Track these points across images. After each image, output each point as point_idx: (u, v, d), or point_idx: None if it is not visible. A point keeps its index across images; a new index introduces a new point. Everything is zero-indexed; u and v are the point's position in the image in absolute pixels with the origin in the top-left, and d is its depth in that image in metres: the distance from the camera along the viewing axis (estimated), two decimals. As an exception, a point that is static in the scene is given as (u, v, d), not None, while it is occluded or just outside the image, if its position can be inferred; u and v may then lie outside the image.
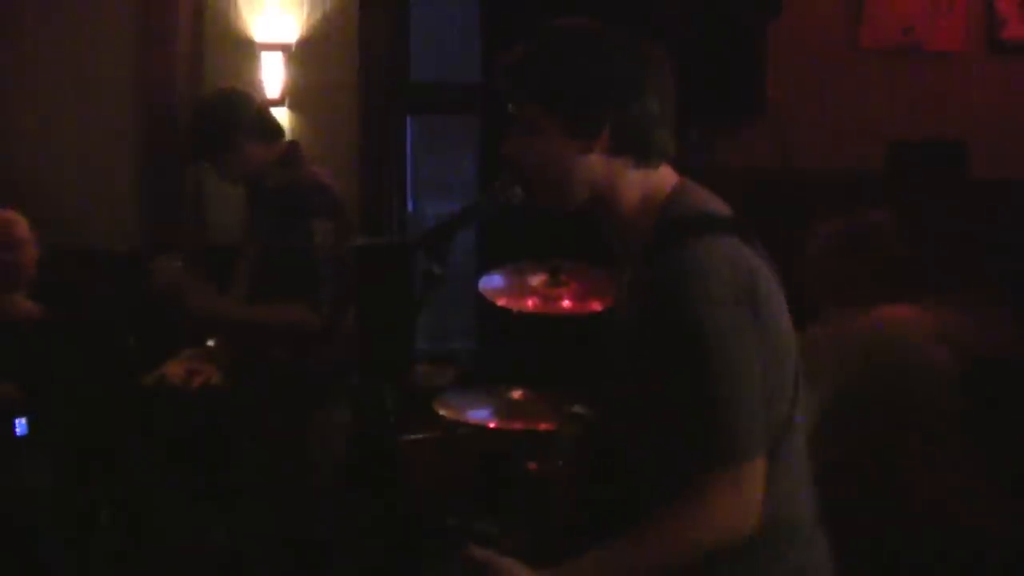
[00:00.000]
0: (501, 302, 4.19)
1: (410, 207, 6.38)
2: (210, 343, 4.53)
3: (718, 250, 2.02)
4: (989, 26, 5.69)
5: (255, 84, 5.79)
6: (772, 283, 2.09)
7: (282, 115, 5.80)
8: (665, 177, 2.15)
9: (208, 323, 4.24)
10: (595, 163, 2.10)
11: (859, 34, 5.77)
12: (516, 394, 4.21)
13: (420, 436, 4.36)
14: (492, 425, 4.07)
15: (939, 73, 5.76)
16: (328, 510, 4.08)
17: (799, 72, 5.69)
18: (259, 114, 4.10)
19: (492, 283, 4.28)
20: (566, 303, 4.17)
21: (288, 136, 4.30)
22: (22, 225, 4.58)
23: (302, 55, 5.88)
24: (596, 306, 4.11)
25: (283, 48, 5.85)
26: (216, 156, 4.04)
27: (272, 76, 5.83)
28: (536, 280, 4.24)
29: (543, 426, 3.93)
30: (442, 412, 4.11)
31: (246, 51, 5.86)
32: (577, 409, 3.27)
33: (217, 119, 4.00)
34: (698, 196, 2.13)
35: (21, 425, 4.40)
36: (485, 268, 4.48)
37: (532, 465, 3.71)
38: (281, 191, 3.96)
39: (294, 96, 5.86)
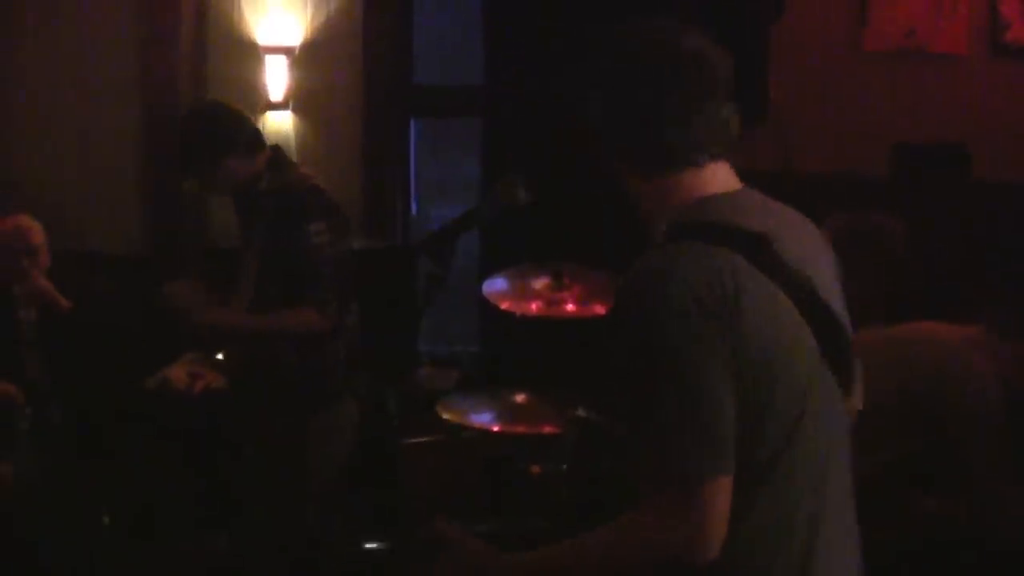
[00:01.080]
0: (504, 305, 4.18)
1: (413, 210, 6.38)
2: (219, 356, 4.54)
3: (694, 256, 1.89)
4: (992, 29, 5.69)
5: (258, 87, 5.80)
6: (773, 303, 1.91)
7: (286, 118, 5.81)
8: (698, 185, 2.02)
9: (222, 336, 4.23)
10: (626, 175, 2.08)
11: (862, 37, 5.77)
12: (519, 398, 4.20)
13: (423, 439, 4.35)
14: (495, 429, 4.07)
15: (942, 76, 5.75)
16: (330, 514, 4.08)
17: (802, 75, 5.69)
18: (240, 127, 4.03)
19: (495, 286, 4.28)
20: (569, 306, 4.16)
21: (293, 139, 4.31)
22: (38, 231, 4.60)
23: (306, 58, 5.88)
24: (599, 309, 4.10)
25: (286, 51, 5.85)
26: (200, 174, 4.07)
27: (276, 79, 5.83)
28: (539, 283, 4.24)
29: (547, 430, 3.93)
30: (445, 415, 4.11)
31: (249, 54, 5.86)
32: (580, 412, 3.27)
33: (197, 139, 3.99)
34: (724, 206, 2.00)
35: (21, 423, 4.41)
36: (488, 271, 4.48)
37: (535, 468, 3.70)
38: (274, 195, 3.97)
39: (298, 99, 5.87)
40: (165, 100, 5.86)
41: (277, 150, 4.13)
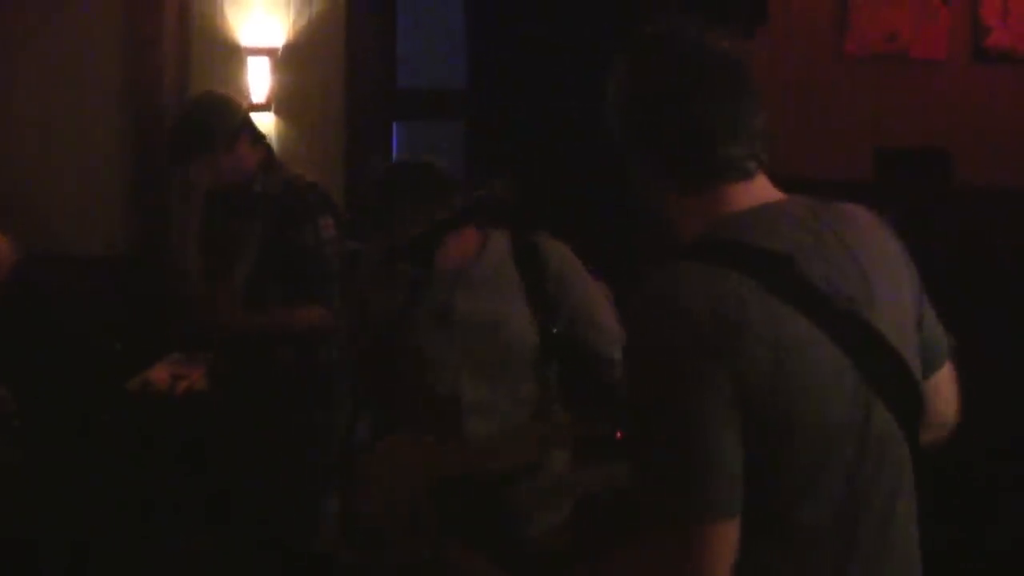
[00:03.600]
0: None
1: (396, 212, 6.38)
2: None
3: (698, 281, 1.72)
4: (973, 34, 5.71)
5: (241, 89, 5.79)
6: (792, 335, 1.71)
7: (268, 120, 5.80)
8: (736, 198, 1.84)
9: (230, 332, 4.13)
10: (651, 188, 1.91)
11: (844, 41, 5.79)
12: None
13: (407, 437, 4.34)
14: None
15: (923, 80, 5.77)
16: (319, 514, 4.07)
17: (784, 79, 5.71)
18: (247, 114, 4.11)
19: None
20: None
21: (275, 141, 4.29)
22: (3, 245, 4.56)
23: (288, 60, 5.87)
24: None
25: (269, 53, 5.84)
26: (210, 155, 3.95)
27: (258, 81, 5.82)
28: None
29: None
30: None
31: (232, 55, 5.85)
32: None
33: (214, 118, 3.95)
34: (753, 222, 1.81)
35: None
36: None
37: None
38: (276, 194, 3.95)
39: (280, 101, 5.86)
40: (149, 102, 5.85)
41: (270, 151, 4.12)
